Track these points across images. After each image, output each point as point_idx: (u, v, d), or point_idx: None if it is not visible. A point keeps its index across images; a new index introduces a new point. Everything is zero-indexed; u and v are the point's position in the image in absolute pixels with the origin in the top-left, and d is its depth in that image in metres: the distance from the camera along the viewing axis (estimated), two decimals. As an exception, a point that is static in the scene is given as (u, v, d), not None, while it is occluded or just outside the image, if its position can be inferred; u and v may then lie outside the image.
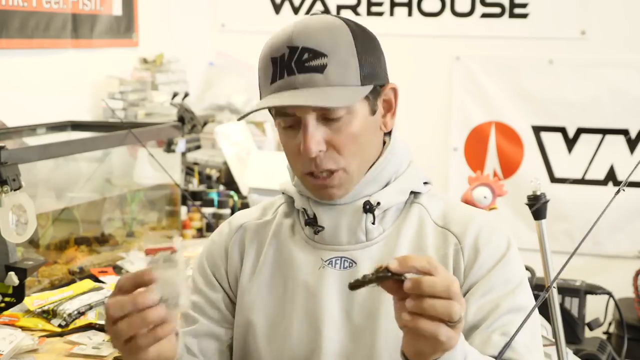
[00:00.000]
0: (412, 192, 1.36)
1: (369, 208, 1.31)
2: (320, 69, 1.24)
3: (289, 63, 1.25)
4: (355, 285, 1.04)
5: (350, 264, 1.31)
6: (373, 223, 1.32)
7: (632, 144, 3.87)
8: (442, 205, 1.36)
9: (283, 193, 1.44)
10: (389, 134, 1.37)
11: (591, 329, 3.09)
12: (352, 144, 1.28)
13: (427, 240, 1.32)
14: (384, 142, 1.37)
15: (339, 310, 1.30)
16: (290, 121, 1.28)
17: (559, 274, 1.32)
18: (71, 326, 2.01)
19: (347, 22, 1.29)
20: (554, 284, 1.30)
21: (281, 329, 1.33)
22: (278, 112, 1.29)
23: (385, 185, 1.34)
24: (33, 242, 2.34)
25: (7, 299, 2.09)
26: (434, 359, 1.06)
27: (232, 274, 1.41)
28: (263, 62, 1.31)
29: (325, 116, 1.26)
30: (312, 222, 1.34)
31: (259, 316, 1.36)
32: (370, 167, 1.33)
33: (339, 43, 1.26)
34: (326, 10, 4.23)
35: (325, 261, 1.32)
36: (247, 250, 1.40)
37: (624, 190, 1.60)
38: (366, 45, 1.29)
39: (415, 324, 1.01)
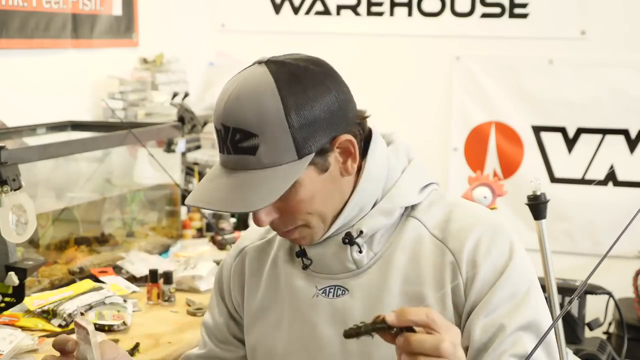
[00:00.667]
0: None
1: (348, 241, 1.27)
2: (252, 150, 1.19)
3: (225, 140, 1.22)
4: (350, 334, 1.03)
5: (343, 292, 1.29)
6: (360, 252, 1.28)
7: (632, 144, 3.87)
8: (441, 213, 1.29)
9: None
10: (364, 155, 1.29)
11: (591, 329, 3.09)
12: (304, 207, 1.24)
13: (423, 259, 1.26)
14: (360, 168, 1.29)
15: (334, 339, 1.29)
16: None
17: (586, 281, 1.26)
18: (71, 326, 2.01)
19: (279, 80, 1.20)
20: (577, 296, 1.24)
21: (279, 357, 1.34)
22: None
23: (372, 208, 1.28)
24: (33, 242, 2.34)
25: (7, 299, 2.09)
26: None
27: (235, 299, 1.44)
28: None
29: None
30: (301, 254, 1.33)
31: (259, 343, 1.38)
32: (347, 202, 1.27)
33: (269, 119, 1.19)
34: (326, 10, 4.22)
35: (320, 290, 1.32)
36: (247, 278, 1.42)
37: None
38: (305, 104, 1.20)
39: None
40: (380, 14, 4.16)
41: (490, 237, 1.26)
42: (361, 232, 1.27)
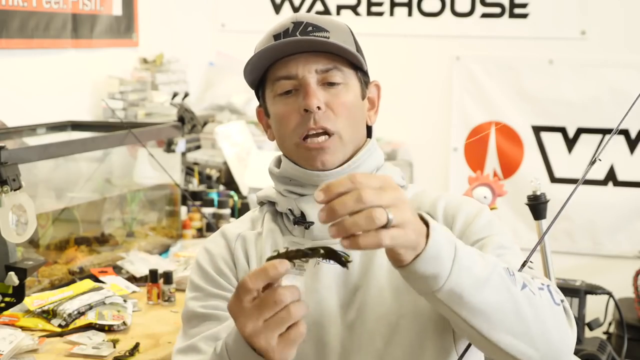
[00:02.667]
0: None
1: None
2: (324, 38, 1.33)
3: (293, 34, 1.34)
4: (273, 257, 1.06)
5: None
6: None
7: (632, 144, 3.87)
8: (413, 193, 1.42)
9: (262, 203, 1.46)
10: (369, 135, 1.44)
11: (591, 329, 3.08)
12: (347, 110, 1.35)
13: None
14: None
15: (336, 303, 1.32)
16: (289, 85, 1.34)
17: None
18: (71, 326, 2.01)
19: None
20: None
21: None
22: (277, 77, 1.35)
23: None
24: (33, 242, 2.34)
25: (7, 299, 2.09)
26: (411, 261, 1.04)
27: (239, 276, 1.39)
28: (263, 41, 1.37)
29: (325, 80, 1.34)
30: (300, 220, 1.37)
31: None
32: (353, 156, 1.38)
33: (339, 26, 1.38)
34: (326, 11, 4.23)
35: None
36: (250, 256, 1.40)
37: (600, 160, 1.61)
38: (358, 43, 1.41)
39: (356, 245, 0.98)
40: (380, 14, 4.16)
41: (460, 199, 1.39)
42: None
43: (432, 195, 1.40)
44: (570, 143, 3.96)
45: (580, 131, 3.94)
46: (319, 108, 1.32)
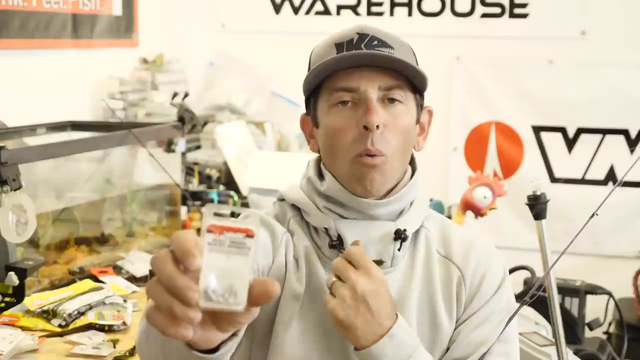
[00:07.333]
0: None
1: (403, 237, 1.32)
2: (391, 55, 1.29)
3: (358, 45, 1.29)
4: None
5: None
6: (398, 249, 1.32)
7: (632, 144, 3.87)
8: (439, 229, 1.39)
9: (281, 200, 1.40)
10: (411, 163, 1.39)
11: (591, 329, 3.09)
12: (402, 134, 1.31)
13: (434, 270, 1.35)
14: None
15: None
16: (347, 97, 1.29)
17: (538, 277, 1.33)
18: (71, 326, 2.01)
19: None
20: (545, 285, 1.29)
21: (315, 351, 1.30)
22: (337, 87, 1.29)
23: (402, 210, 1.35)
24: (33, 242, 2.34)
25: (7, 299, 2.09)
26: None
27: (274, 273, 1.33)
28: (323, 49, 1.32)
29: (387, 96, 1.29)
30: (338, 245, 1.31)
31: (292, 336, 1.31)
32: (396, 185, 1.34)
33: (402, 44, 1.34)
34: (326, 10, 4.23)
35: None
36: (289, 260, 1.34)
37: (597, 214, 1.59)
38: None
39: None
40: (380, 14, 4.16)
41: (488, 255, 1.37)
42: (405, 230, 1.33)
43: (463, 240, 1.37)
44: (570, 143, 3.96)
45: (580, 131, 3.94)
46: (377, 127, 1.27)
